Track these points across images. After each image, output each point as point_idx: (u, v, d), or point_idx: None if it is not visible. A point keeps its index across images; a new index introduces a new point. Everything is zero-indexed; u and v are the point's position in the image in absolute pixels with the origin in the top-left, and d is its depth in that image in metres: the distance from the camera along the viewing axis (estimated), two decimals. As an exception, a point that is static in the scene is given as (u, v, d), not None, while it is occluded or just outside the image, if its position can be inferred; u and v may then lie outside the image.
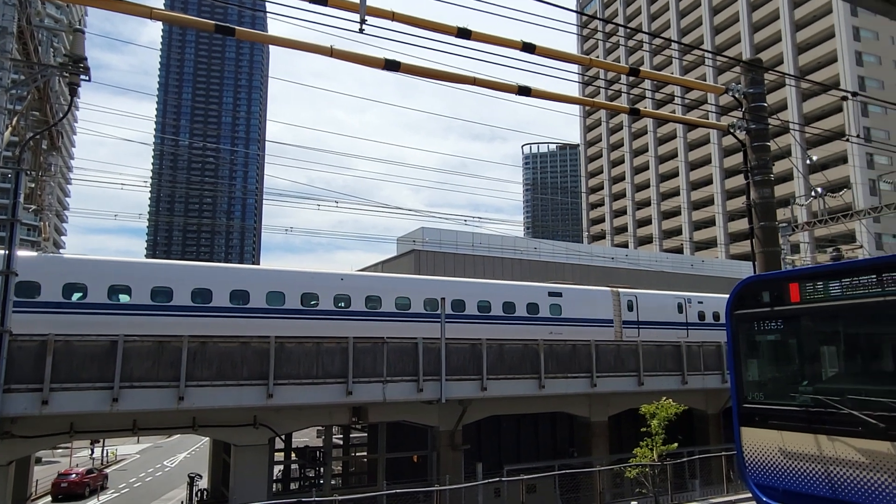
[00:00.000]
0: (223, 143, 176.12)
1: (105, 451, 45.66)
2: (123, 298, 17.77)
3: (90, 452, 43.73)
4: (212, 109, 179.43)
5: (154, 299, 17.95)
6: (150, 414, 16.08)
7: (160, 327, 17.08)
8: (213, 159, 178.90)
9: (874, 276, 5.85)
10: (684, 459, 19.49)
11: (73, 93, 14.03)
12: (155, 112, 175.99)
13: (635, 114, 11.48)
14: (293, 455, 24.42)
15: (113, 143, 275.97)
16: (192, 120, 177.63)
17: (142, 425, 16.75)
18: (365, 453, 24.90)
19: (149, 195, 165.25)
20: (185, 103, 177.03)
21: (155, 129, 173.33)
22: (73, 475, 32.27)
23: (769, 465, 6.51)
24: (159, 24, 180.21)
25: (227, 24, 8.88)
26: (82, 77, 14.23)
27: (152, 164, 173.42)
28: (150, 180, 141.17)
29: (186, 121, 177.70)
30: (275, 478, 21.29)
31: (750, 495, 7.77)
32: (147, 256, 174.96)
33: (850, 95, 11.02)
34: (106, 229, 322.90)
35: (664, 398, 18.58)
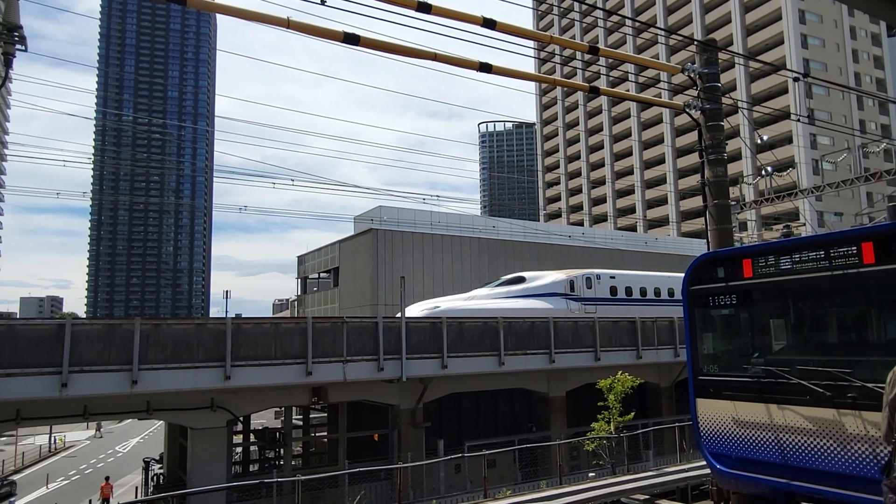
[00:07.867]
0: (170, 119, 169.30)
1: (53, 438, 44.30)
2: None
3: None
4: (157, 83, 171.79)
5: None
6: (102, 399, 15.62)
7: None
8: (160, 135, 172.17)
9: (822, 251, 6.07)
10: (639, 431, 20.10)
11: (8, 63, 13.20)
12: (95, 85, 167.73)
13: (595, 92, 11.52)
14: (252, 437, 24.18)
15: (49, 117, 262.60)
16: (135, 94, 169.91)
17: (93, 410, 16.26)
18: (325, 433, 24.83)
19: (91, 172, 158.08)
20: (128, 76, 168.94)
21: (96, 103, 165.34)
22: None
23: (723, 434, 6.74)
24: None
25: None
26: (18, 47, 13.38)
27: (94, 139, 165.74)
28: (92, 157, 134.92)
29: (130, 95, 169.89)
30: (234, 460, 21.07)
31: (704, 463, 8.07)
32: (91, 236, 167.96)
33: (800, 77, 11.34)
34: (46, 208, 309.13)
35: (620, 372, 19.09)
